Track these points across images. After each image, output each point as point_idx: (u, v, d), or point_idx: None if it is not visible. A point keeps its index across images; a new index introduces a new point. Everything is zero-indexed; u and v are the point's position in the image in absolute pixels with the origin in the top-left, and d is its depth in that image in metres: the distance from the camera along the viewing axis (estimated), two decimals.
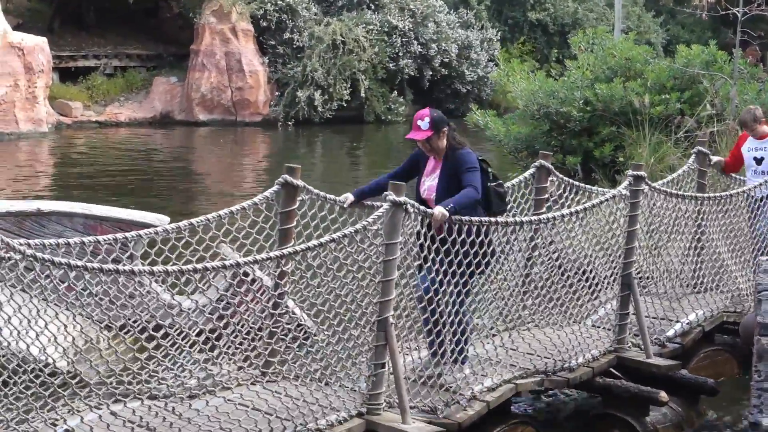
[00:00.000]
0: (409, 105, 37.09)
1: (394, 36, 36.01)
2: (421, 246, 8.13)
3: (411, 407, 7.99)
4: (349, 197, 8.76)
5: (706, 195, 11.41)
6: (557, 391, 10.08)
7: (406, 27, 36.22)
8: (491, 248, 8.46)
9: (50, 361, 7.00)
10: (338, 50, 34.57)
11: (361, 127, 35.11)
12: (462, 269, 8.20)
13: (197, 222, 8.11)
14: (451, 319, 8.34)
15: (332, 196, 8.74)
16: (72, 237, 11.01)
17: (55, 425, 7.05)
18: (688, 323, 10.47)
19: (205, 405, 7.60)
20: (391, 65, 35.91)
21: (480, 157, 8.68)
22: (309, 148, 32.64)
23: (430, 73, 37.06)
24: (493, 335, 9.29)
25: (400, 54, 36.10)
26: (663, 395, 9.24)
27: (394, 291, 7.91)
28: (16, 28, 31.86)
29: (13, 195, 20.38)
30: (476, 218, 8.47)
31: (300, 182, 8.69)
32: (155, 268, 7.04)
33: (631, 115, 15.70)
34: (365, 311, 8.07)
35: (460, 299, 8.33)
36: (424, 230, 8.11)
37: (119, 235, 7.86)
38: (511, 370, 8.86)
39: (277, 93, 35.26)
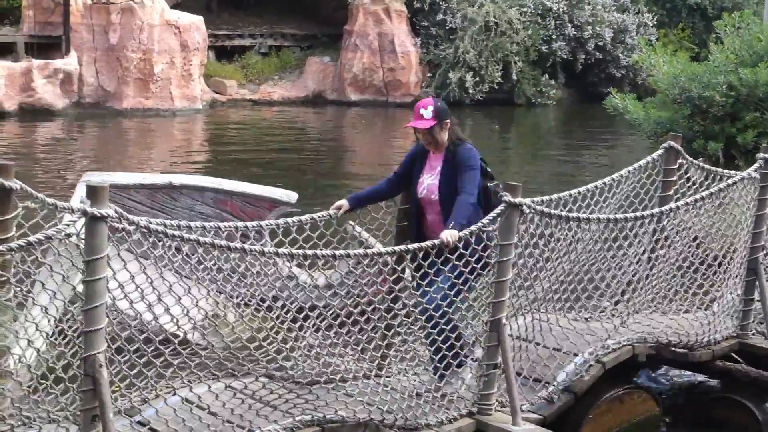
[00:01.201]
0: (562, 88, 36.78)
1: (548, 18, 35.68)
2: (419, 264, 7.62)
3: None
4: (344, 205, 8.22)
5: None
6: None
7: (561, 9, 35.83)
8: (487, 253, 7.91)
9: (178, 332, 7.16)
10: (491, 32, 34.42)
11: (512, 109, 34.88)
12: (465, 279, 7.76)
13: (319, 217, 8.19)
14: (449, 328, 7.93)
15: None
16: (202, 210, 11.35)
17: (174, 394, 7.24)
18: None
19: (326, 393, 7.66)
20: (543, 48, 35.59)
21: (479, 156, 8.14)
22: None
23: (584, 56, 36.59)
24: (613, 315, 9.22)
25: (554, 36, 35.75)
26: None
27: (508, 292, 7.88)
28: (174, 6, 32.54)
29: (163, 169, 20.83)
30: (603, 216, 8.41)
31: None
32: (281, 250, 7.17)
33: None
34: (477, 312, 8.06)
35: (453, 308, 7.89)
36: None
37: (253, 223, 8.03)
38: (630, 339, 8.85)
39: (428, 74, 35.28)
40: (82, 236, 6.22)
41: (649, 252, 9.48)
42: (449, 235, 7.49)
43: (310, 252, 7.29)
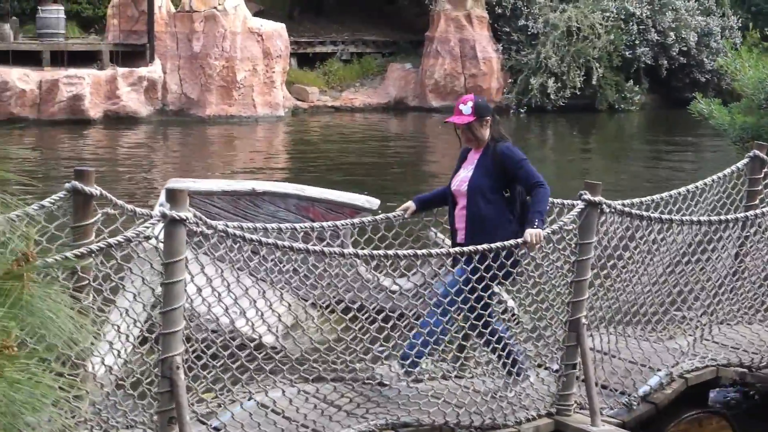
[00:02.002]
0: (645, 94, 36.41)
1: (631, 23, 35.36)
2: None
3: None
4: (411, 207, 8.09)
5: None
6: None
7: (644, 14, 35.52)
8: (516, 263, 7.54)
9: (254, 336, 7.19)
10: (573, 37, 34.20)
11: (594, 115, 34.61)
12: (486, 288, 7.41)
13: (394, 217, 8.21)
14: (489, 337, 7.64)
15: None
16: (285, 217, 11.40)
17: (249, 399, 7.26)
18: None
19: (397, 393, 7.65)
20: (627, 53, 35.29)
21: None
22: (540, 135, 32.44)
23: (668, 61, 36.21)
24: (696, 328, 9.09)
25: (637, 42, 35.43)
26: None
27: (587, 291, 7.81)
28: (256, 14, 32.79)
29: (244, 176, 20.95)
30: (686, 217, 8.26)
31: None
32: (361, 252, 7.17)
33: None
34: (557, 311, 7.98)
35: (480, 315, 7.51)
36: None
37: (328, 224, 8.06)
38: (714, 358, 8.73)
39: (510, 80, 35.12)
40: (161, 239, 6.28)
41: (734, 260, 9.33)
42: (534, 235, 7.33)
43: (390, 252, 7.30)
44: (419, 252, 7.40)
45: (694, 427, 8.63)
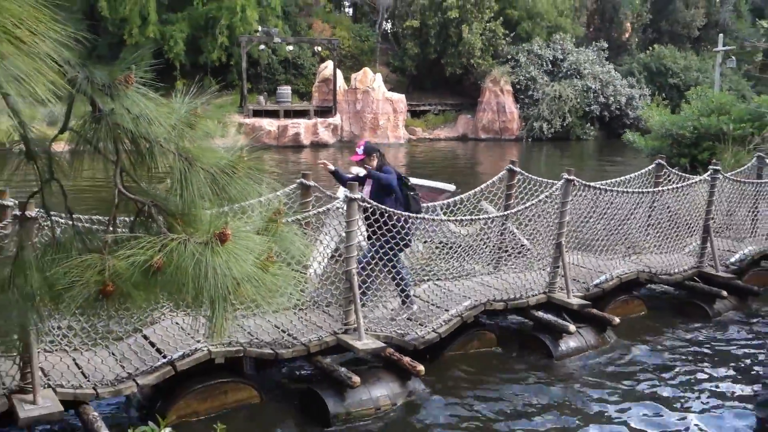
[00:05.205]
0: (597, 130, 35.41)
1: (589, 93, 34.38)
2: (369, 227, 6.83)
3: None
4: (330, 168, 7.02)
5: (762, 181, 10.34)
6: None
7: (596, 87, 34.50)
8: (408, 231, 6.90)
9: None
10: (557, 100, 33.43)
11: (567, 142, 33.86)
12: (390, 246, 6.79)
13: (465, 197, 8.14)
14: (392, 277, 7.00)
15: (537, 178, 8.48)
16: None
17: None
18: (744, 254, 9.57)
19: (462, 284, 7.64)
20: (586, 108, 34.36)
21: (402, 175, 7.14)
22: (539, 153, 31.75)
23: (608, 113, 35.16)
24: (625, 253, 8.90)
25: (592, 103, 34.45)
26: (723, 293, 8.57)
27: (565, 228, 7.70)
28: (390, 90, 32.70)
29: None
30: (621, 189, 7.99)
31: (519, 169, 8.54)
32: (446, 218, 7.18)
33: (722, 135, 14.41)
34: (550, 239, 7.89)
35: (392, 264, 6.92)
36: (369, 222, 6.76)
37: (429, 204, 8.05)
38: (636, 269, 8.52)
39: (523, 123, 34.50)
40: (344, 209, 6.36)
41: (647, 218, 9.13)
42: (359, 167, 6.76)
43: (466, 219, 7.26)
44: (474, 218, 7.36)
45: (623, 305, 8.49)
